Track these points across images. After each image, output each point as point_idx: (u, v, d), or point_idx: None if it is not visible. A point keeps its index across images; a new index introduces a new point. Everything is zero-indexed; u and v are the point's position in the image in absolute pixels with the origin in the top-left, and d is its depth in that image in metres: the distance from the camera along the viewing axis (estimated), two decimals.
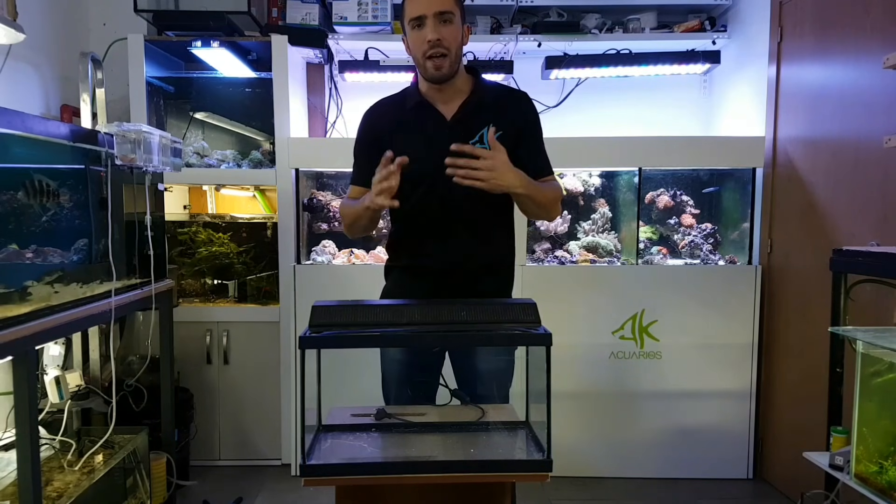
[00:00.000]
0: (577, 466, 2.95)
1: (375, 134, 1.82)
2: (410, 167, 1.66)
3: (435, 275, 1.80)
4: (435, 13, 1.66)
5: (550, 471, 1.36)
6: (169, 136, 2.34)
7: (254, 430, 3.10)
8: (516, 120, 1.80)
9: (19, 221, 1.69)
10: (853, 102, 2.39)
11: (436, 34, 1.66)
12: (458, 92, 1.78)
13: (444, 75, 1.71)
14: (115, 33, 3.05)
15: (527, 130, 1.82)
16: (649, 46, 3.27)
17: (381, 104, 1.88)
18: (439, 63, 1.68)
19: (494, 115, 1.76)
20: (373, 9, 3.09)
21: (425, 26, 1.67)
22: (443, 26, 1.67)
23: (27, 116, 1.71)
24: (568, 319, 2.90)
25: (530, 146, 1.83)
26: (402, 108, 1.82)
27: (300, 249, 3.03)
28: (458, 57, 1.72)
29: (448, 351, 1.90)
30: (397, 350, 1.86)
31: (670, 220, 3.14)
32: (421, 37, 1.68)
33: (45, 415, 2.08)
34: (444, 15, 1.67)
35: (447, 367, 1.90)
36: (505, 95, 1.85)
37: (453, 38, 1.69)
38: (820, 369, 2.27)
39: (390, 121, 1.82)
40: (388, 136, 1.79)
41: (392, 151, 1.64)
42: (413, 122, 1.79)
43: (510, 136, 1.76)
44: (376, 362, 1.92)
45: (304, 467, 1.35)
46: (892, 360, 1.62)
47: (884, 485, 1.60)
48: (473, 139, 1.74)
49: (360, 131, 1.87)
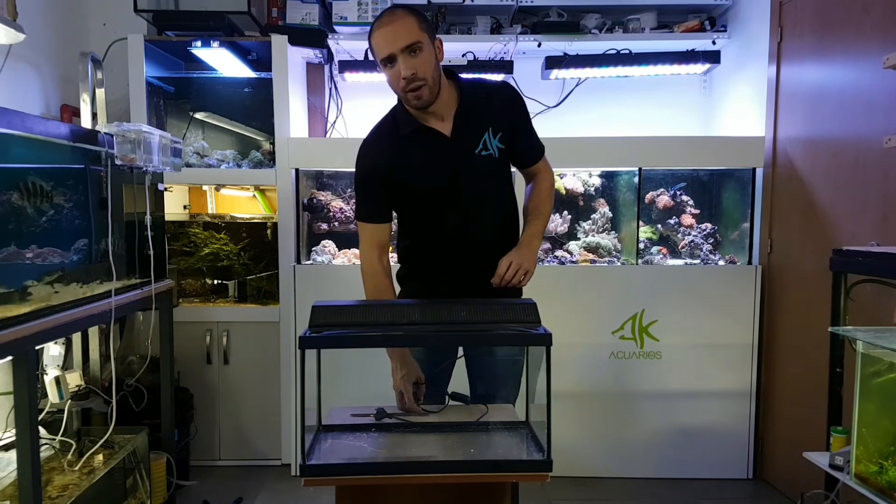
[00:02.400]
0: (577, 466, 2.95)
1: (378, 170, 1.82)
2: (425, 188, 1.78)
3: (452, 284, 1.83)
4: (401, 49, 1.65)
5: (550, 471, 1.36)
6: (169, 136, 2.34)
7: (254, 430, 3.10)
8: (508, 115, 1.84)
9: (19, 221, 1.69)
10: (853, 102, 2.39)
11: (409, 70, 1.65)
12: (448, 105, 1.79)
13: (427, 102, 1.72)
14: (115, 33, 3.05)
15: (518, 122, 1.86)
16: (649, 46, 3.27)
17: (375, 138, 1.85)
18: (419, 94, 1.69)
19: (489, 117, 1.81)
20: (373, 9, 3.09)
21: (396, 63, 1.66)
22: (413, 58, 1.66)
23: (27, 116, 1.71)
24: (568, 319, 2.89)
25: (524, 134, 1.88)
26: (398, 137, 1.81)
27: (300, 249, 3.03)
28: (436, 80, 1.71)
29: (464, 351, 1.92)
30: (414, 349, 1.88)
31: (670, 220, 3.14)
32: (395, 73, 1.68)
33: (45, 415, 2.08)
34: (412, 47, 1.65)
35: (460, 367, 1.92)
36: (491, 93, 1.86)
37: (427, 67, 1.68)
38: (820, 369, 2.27)
39: (391, 153, 1.81)
40: (395, 166, 1.80)
41: (400, 179, 1.77)
42: (414, 147, 1.80)
43: (507, 135, 1.82)
44: (376, 362, 1.91)
45: (304, 467, 1.36)
46: (892, 360, 1.62)
47: (884, 485, 1.60)
48: (478, 147, 1.79)
49: (362, 169, 1.85)
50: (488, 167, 1.82)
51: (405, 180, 1.80)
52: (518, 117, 1.86)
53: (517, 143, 1.86)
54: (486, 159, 1.80)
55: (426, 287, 1.90)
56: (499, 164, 1.84)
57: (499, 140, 1.81)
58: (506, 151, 1.83)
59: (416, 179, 1.80)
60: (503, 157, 1.84)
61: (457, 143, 1.78)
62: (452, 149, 1.78)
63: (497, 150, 1.81)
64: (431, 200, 1.82)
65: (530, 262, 1.73)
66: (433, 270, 1.88)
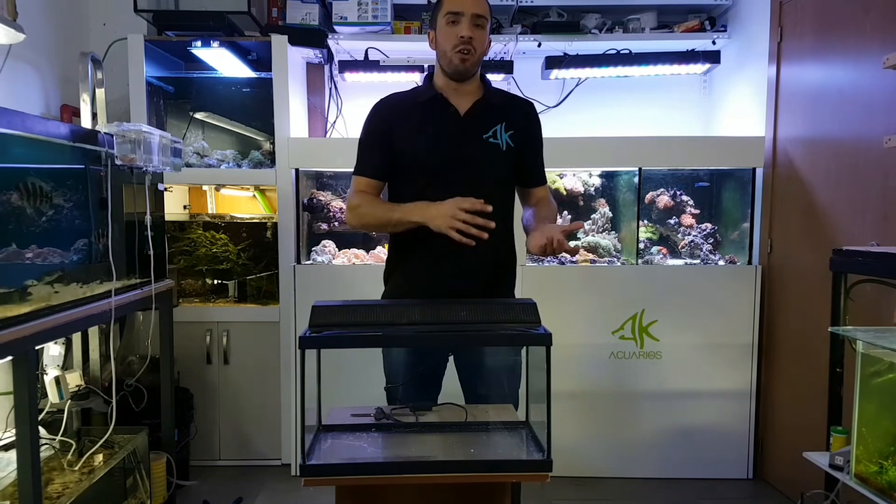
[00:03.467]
0: (577, 466, 2.95)
1: (386, 126, 1.83)
2: (424, 158, 1.78)
3: (445, 270, 1.79)
4: (473, 14, 1.74)
5: (550, 471, 1.36)
6: (169, 136, 2.34)
7: (254, 430, 3.10)
8: (526, 126, 1.88)
9: (20, 221, 1.69)
10: (853, 102, 2.39)
11: (469, 32, 1.74)
12: (472, 93, 1.84)
13: (468, 70, 1.78)
14: (115, 33, 3.05)
15: (533, 140, 1.91)
16: (649, 46, 3.27)
17: (391, 98, 1.90)
18: (466, 57, 1.75)
19: (506, 115, 1.84)
20: (373, 9, 3.09)
21: (461, 23, 1.74)
22: (475, 29, 1.75)
23: (27, 116, 1.71)
24: (568, 319, 2.89)
25: (535, 156, 1.93)
26: (413, 104, 1.85)
27: (300, 249, 3.03)
28: (480, 60, 1.81)
29: (452, 354, 1.91)
30: (401, 351, 1.87)
31: (670, 220, 3.14)
32: (454, 32, 1.75)
33: (45, 415, 2.08)
34: (480, 19, 1.76)
35: (451, 370, 1.91)
36: (515, 101, 1.94)
37: (481, 42, 1.78)
38: (820, 369, 2.27)
39: (402, 115, 1.84)
40: (400, 129, 1.82)
41: (401, 144, 1.78)
42: (426, 116, 1.82)
43: (519, 138, 1.85)
44: (376, 362, 1.92)
45: (304, 467, 1.35)
46: (892, 360, 1.62)
47: (884, 485, 1.60)
48: (487, 133, 1.81)
49: (370, 122, 1.88)
50: (493, 158, 1.81)
51: (404, 146, 1.80)
52: (533, 131, 1.91)
53: (526, 155, 1.87)
54: (492, 147, 1.81)
55: (411, 281, 1.85)
56: (504, 160, 1.82)
57: (510, 137, 1.82)
58: (514, 151, 1.83)
59: (416, 147, 1.79)
60: (510, 155, 1.82)
61: (468, 123, 1.81)
62: (462, 127, 1.81)
63: (505, 144, 1.82)
64: (428, 172, 1.79)
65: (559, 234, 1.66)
66: (419, 256, 1.82)
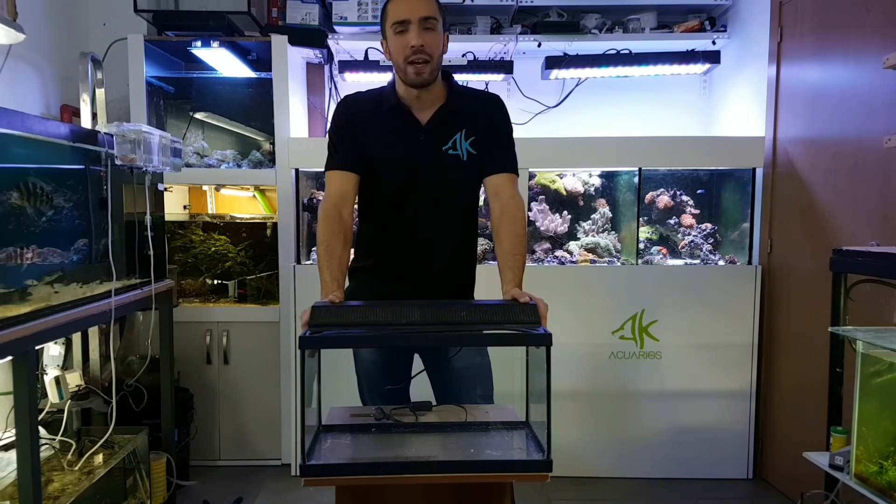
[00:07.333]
0: (577, 466, 2.95)
1: (354, 124, 1.81)
2: (385, 168, 1.76)
3: (403, 277, 1.81)
4: (420, 18, 1.66)
5: (550, 471, 1.35)
6: (169, 136, 2.34)
7: (254, 430, 3.10)
8: (487, 125, 1.82)
9: (20, 221, 1.69)
10: (853, 102, 2.39)
11: (419, 40, 1.66)
12: (435, 99, 1.79)
13: (425, 80, 1.71)
14: (115, 33, 3.05)
15: (495, 129, 1.83)
16: (649, 46, 3.27)
17: (358, 97, 1.86)
18: (420, 69, 1.69)
19: (465, 121, 1.79)
20: (373, 9, 3.09)
21: (409, 31, 1.67)
22: (426, 33, 1.68)
23: (27, 116, 1.72)
24: (568, 319, 2.89)
25: (496, 141, 1.82)
26: (378, 108, 1.81)
27: (300, 249, 3.03)
28: (438, 64, 1.73)
29: (419, 353, 1.90)
30: (370, 352, 1.87)
31: (670, 220, 3.14)
32: (404, 42, 1.68)
33: (45, 415, 2.08)
34: (428, 21, 1.67)
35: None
36: (478, 100, 1.86)
37: (435, 46, 1.70)
38: (820, 369, 2.27)
39: (368, 116, 1.81)
40: (366, 130, 1.79)
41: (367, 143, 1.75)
42: (388, 125, 1.79)
43: (479, 140, 1.80)
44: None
45: (304, 467, 1.35)
46: (892, 360, 1.62)
47: (884, 485, 1.60)
48: (446, 145, 1.77)
49: (338, 118, 1.84)
50: (453, 168, 1.78)
51: (371, 147, 1.78)
52: (496, 125, 1.82)
53: (487, 146, 1.81)
54: (452, 158, 1.78)
55: (372, 281, 1.85)
56: (464, 169, 1.79)
57: (470, 144, 1.78)
58: (475, 158, 1.79)
59: (380, 151, 1.77)
60: (472, 162, 1.79)
61: (428, 135, 1.77)
62: (421, 140, 1.77)
63: (465, 153, 1.78)
64: (389, 184, 1.78)
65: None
66: (383, 262, 1.84)
